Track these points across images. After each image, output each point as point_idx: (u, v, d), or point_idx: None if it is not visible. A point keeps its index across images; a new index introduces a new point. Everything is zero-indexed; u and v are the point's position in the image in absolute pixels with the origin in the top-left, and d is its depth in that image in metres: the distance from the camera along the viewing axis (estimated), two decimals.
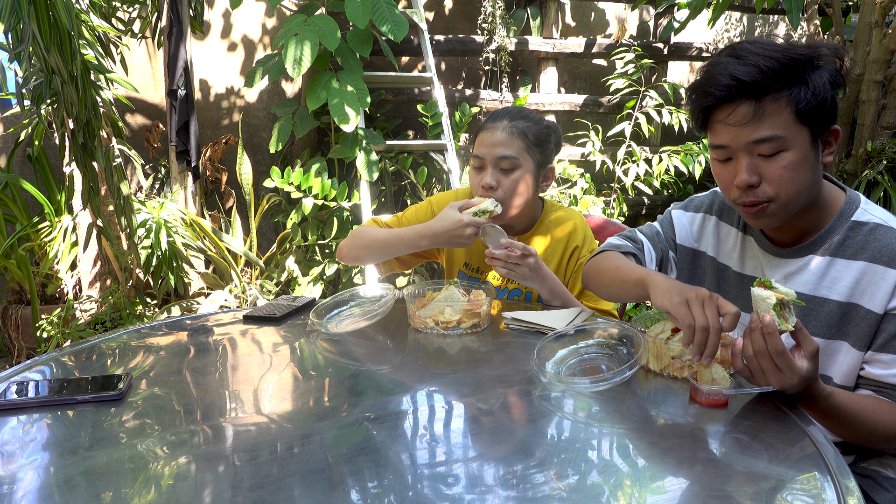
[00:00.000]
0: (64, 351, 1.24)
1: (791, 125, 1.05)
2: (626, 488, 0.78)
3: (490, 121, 1.61)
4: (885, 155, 3.41)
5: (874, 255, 1.10)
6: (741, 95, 1.06)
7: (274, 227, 4.20)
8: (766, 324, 0.94)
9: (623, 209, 4.16)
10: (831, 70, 1.06)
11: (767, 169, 1.08)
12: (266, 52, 4.12)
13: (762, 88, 1.04)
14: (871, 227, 1.13)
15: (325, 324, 1.36)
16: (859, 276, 1.11)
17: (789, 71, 1.04)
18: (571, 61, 4.84)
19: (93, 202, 2.91)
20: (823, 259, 1.16)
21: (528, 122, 1.60)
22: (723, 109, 1.09)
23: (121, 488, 0.76)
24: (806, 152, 1.07)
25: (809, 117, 1.06)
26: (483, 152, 1.58)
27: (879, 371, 1.10)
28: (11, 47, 2.60)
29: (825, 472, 0.81)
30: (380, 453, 0.84)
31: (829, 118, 1.08)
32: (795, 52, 1.05)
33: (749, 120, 1.06)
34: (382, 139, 3.45)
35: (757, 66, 1.04)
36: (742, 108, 1.06)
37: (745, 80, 1.04)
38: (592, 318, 1.41)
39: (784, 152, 1.06)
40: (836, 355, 1.14)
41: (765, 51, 1.05)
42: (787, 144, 1.06)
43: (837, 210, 1.17)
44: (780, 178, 1.07)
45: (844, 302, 1.13)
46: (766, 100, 1.05)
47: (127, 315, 3.16)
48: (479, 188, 1.59)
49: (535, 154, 1.59)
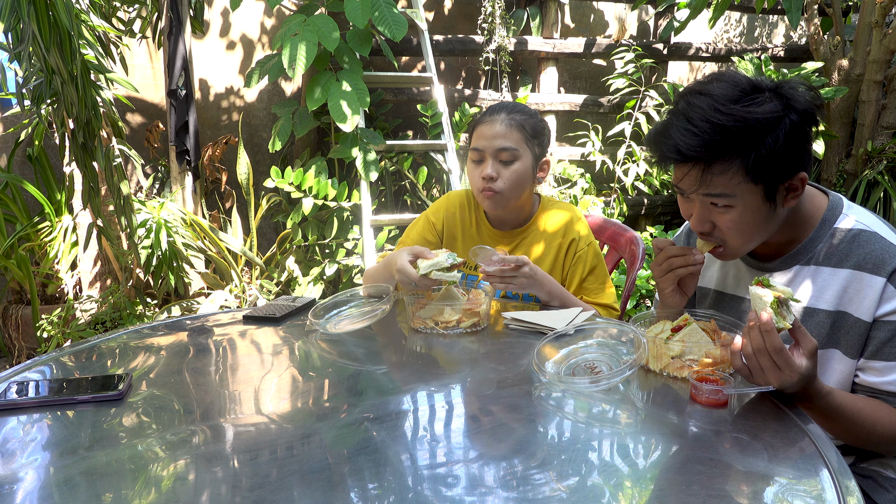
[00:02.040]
0: (64, 351, 1.24)
1: (741, 185, 1.06)
2: (627, 488, 0.78)
3: (487, 114, 1.63)
4: (885, 155, 3.41)
5: (859, 263, 1.11)
6: (690, 160, 1.07)
7: (274, 227, 4.20)
8: (763, 322, 0.94)
9: (623, 209, 4.16)
10: (793, 120, 1.03)
11: (718, 218, 1.12)
12: (265, 51, 4.12)
13: (708, 157, 1.05)
14: (854, 234, 1.13)
15: (325, 324, 1.36)
16: (846, 285, 1.12)
17: (738, 138, 1.03)
18: (571, 61, 4.84)
19: (93, 202, 2.91)
20: (809, 269, 1.16)
21: (525, 115, 1.62)
22: (677, 167, 1.11)
23: (121, 488, 0.76)
24: (757, 207, 1.08)
25: (762, 175, 1.05)
26: (483, 144, 1.59)
27: (874, 378, 1.10)
28: (11, 47, 2.60)
29: (825, 472, 0.81)
30: (379, 453, 0.84)
31: (789, 169, 1.06)
32: (749, 115, 1.02)
33: (698, 185, 1.08)
34: (382, 139, 3.45)
35: (700, 137, 1.04)
36: (691, 174, 1.09)
37: (687, 154, 1.05)
38: (592, 318, 1.40)
39: (733, 208, 1.09)
40: (830, 364, 1.14)
41: (716, 114, 1.03)
42: (736, 202, 1.08)
43: (819, 218, 1.17)
44: (730, 229, 1.11)
45: (833, 311, 1.13)
46: (714, 165, 1.05)
47: (127, 315, 3.16)
48: (479, 180, 1.60)
49: (532, 146, 1.62)
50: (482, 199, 1.63)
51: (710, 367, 1.06)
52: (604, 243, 1.99)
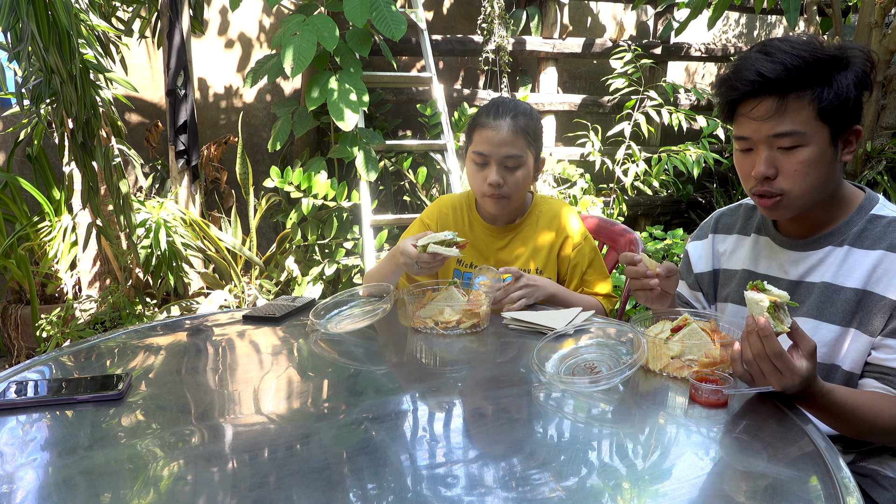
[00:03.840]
0: (63, 351, 1.24)
1: (812, 122, 1.09)
2: (626, 489, 0.78)
3: (491, 118, 1.61)
4: (885, 155, 3.41)
5: (891, 245, 1.13)
6: (765, 91, 1.09)
7: (274, 227, 4.20)
8: (761, 327, 0.95)
9: (622, 209, 4.17)
10: (858, 72, 1.09)
11: (785, 162, 1.12)
12: (264, 50, 4.12)
13: (786, 85, 1.08)
14: (889, 220, 1.16)
15: (325, 324, 1.36)
16: (875, 265, 1.14)
17: (814, 70, 1.07)
18: (571, 61, 4.84)
19: (92, 202, 2.91)
20: (842, 249, 1.18)
21: (526, 117, 1.63)
22: (747, 103, 1.13)
23: (120, 488, 0.76)
24: (824, 149, 1.10)
25: (831, 116, 1.08)
26: (488, 150, 1.60)
27: (885, 356, 1.11)
28: (10, 47, 2.59)
29: (824, 471, 0.81)
30: (379, 453, 0.84)
31: (850, 118, 1.11)
32: (823, 53, 1.08)
33: (771, 115, 1.09)
34: (382, 139, 3.45)
35: (783, 64, 1.07)
36: (765, 103, 1.10)
37: (770, 76, 1.08)
38: (592, 318, 1.41)
39: (802, 147, 1.10)
40: (848, 342, 1.16)
41: (793, 49, 1.08)
42: (806, 140, 1.09)
43: (856, 205, 1.20)
44: (796, 173, 1.11)
45: (860, 289, 1.15)
46: (789, 96, 1.08)
47: (126, 315, 3.16)
48: (482, 184, 1.61)
49: (533, 149, 1.65)
50: (486, 202, 1.64)
51: (709, 367, 1.07)
52: (603, 244, 2.00)
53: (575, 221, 1.72)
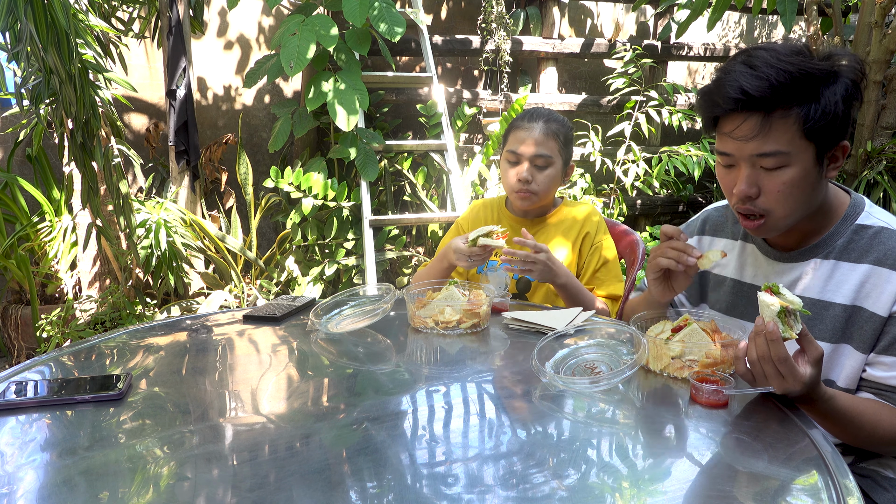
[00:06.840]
0: (63, 351, 1.24)
1: (797, 141, 1.04)
2: (626, 488, 0.78)
3: (526, 120, 1.76)
4: (885, 155, 3.41)
5: (879, 259, 1.10)
6: (749, 108, 1.05)
7: (274, 227, 4.20)
8: (769, 331, 0.93)
9: (623, 209, 4.17)
10: (847, 85, 1.04)
11: (768, 182, 1.08)
12: (263, 50, 4.12)
13: (771, 103, 1.03)
14: (875, 231, 1.13)
15: (325, 324, 1.36)
16: (864, 279, 1.11)
17: (801, 86, 1.02)
18: (571, 61, 4.84)
19: (92, 202, 2.90)
20: (827, 262, 1.16)
21: (559, 124, 1.77)
22: (731, 120, 1.08)
23: (120, 488, 0.76)
24: (808, 169, 1.07)
25: (817, 134, 1.04)
26: (521, 149, 1.74)
27: (881, 373, 1.10)
28: (9, 47, 2.59)
29: (825, 472, 0.81)
30: (379, 453, 0.84)
31: (837, 134, 1.06)
32: (811, 66, 1.03)
33: (755, 134, 1.05)
34: (382, 139, 3.45)
35: (768, 80, 1.02)
36: (749, 122, 1.05)
37: (754, 95, 1.03)
38: (592, 318, 1.40)
39: (786, 168, 1.06)
40: (840, 359, 1.14)
41: (780, 62, 1.02)
42: (790, 160, 1.06)
43: (841, 214, 1.17)
44: (779, 193, 1.08)
45: (849, 305, 1.13)
46: (774, 114, 1.04)
47: (126, 315, 3.16)
48: (514, 180, 1.74)
49: (564, 154, 1.78)
50: (516, 198, 1.78)
51: (710, 368, 1.06)
52: None
53: (600, 222, 1.82)
